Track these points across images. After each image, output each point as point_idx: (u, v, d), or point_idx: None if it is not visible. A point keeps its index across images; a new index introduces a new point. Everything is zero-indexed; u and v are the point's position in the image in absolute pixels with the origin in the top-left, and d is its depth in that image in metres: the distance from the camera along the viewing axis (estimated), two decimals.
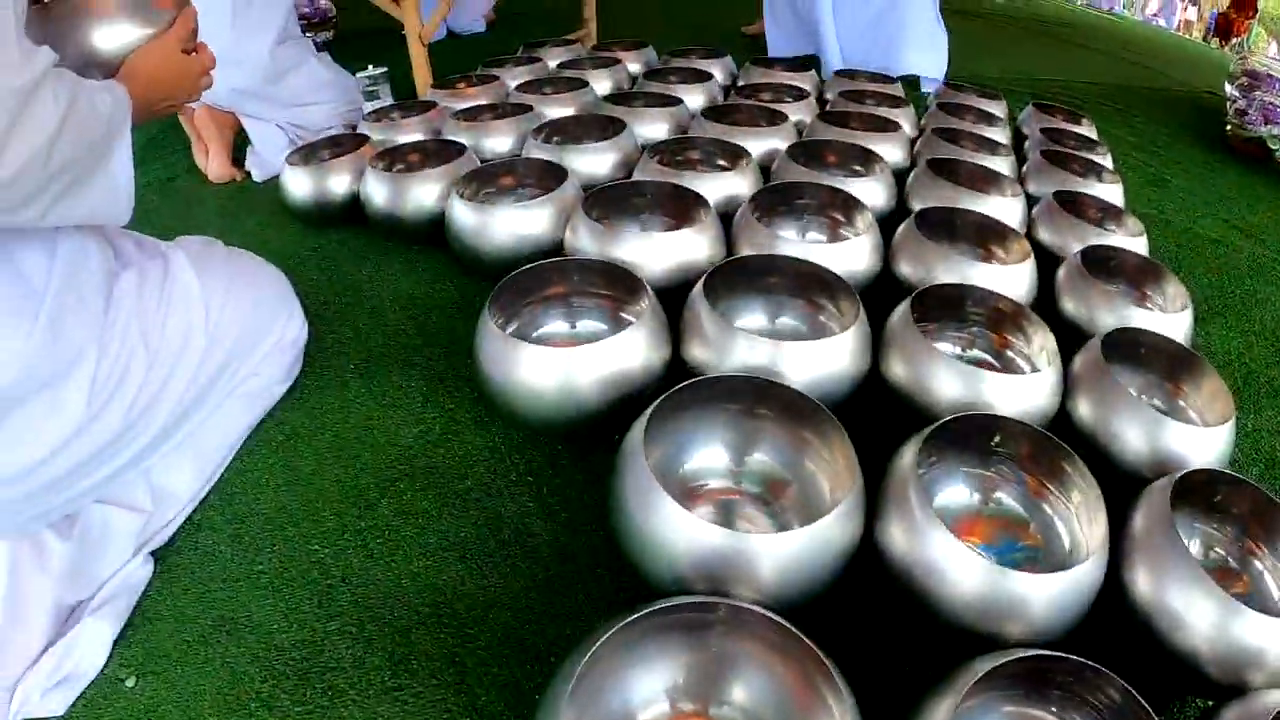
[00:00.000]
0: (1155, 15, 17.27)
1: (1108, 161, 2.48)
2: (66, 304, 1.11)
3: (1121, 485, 1.23)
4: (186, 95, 1.35)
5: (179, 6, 1.31)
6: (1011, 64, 4.72)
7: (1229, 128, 3.42)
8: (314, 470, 1.46)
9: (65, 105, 0.96)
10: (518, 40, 3.56)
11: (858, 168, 2.14)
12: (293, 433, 1.54)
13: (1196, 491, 1.21)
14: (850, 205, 1.82)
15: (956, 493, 1.29)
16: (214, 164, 2.78)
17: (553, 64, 3.12)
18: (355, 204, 2.18)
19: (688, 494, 1.24)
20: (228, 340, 1.38)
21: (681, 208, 1.80)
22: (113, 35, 1.20)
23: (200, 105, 2.89)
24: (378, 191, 2.03)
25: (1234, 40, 14.81)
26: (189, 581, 1.28)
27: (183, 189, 2.69)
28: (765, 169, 2.14)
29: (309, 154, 2.39)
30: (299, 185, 2.22)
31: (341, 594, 1.24)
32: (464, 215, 1.79)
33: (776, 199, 1.85)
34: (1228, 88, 3.53)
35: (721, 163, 2.10)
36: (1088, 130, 2.78)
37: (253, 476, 1.46)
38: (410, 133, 2.43)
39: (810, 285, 1.54)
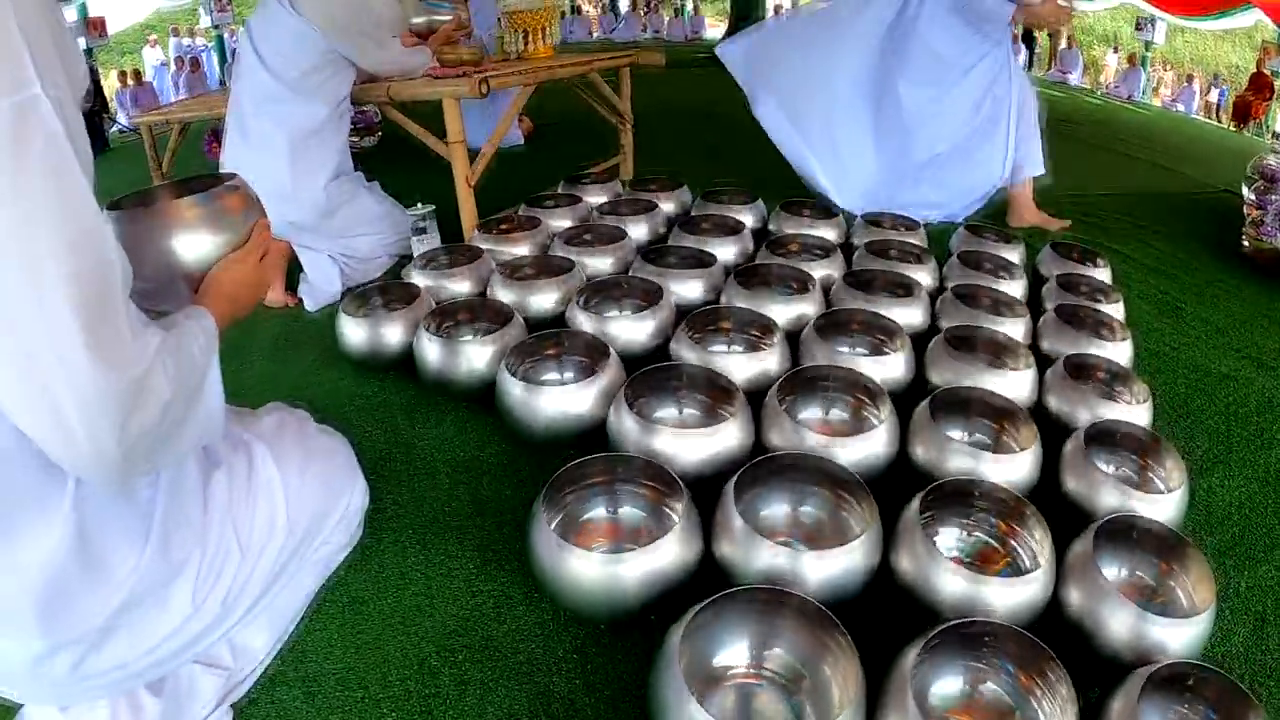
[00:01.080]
0: (1174, 100, 17.58)
1: (1119, 311, 2.77)
2: (171, 519, 1.35)
3: (1106, 669, 1.49)
4: (262, 296, 1.60)
5: (252, 212, 1.52)
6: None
7: (1245, 241, 3.66)
8: (379, 634, 1.72)
9: (174, 373, 1.13)
10: (555, 157, 3.89)
11: (881, 338, 2.43)
12: (357, 597, 1.80)
13: (1170, 680, 1.44)
14: (871, 391, 2.10)
15: (950, 683, 1.54)
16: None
17: (592, 201, 3.44)
18: (407, 354, 2.48)
19: (716, 681, 1.51)
20: (304, 520, 1.65)
21: (715, 391, 2.09)
22: (193, 245, 1.39)
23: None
24: (430, 352, 2.34)
25: (1252, 122, 15.07)
26: None
27: None
28: (795, 335, 2.43)
29: (363, 302, 2.70)
30: (354, 333, 2.54)
31: None
32: (514, 391, 2.09)
33: (802, 382, 2.13)
34: (1245, 189, 3.77)
35: (753, 333, 2.40)
36: (1103, 272, 3.07)
37: (322, 636, 1.72)
38: (459, 282, 2.76)
39: (831, 481, 1.81)
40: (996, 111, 3.77)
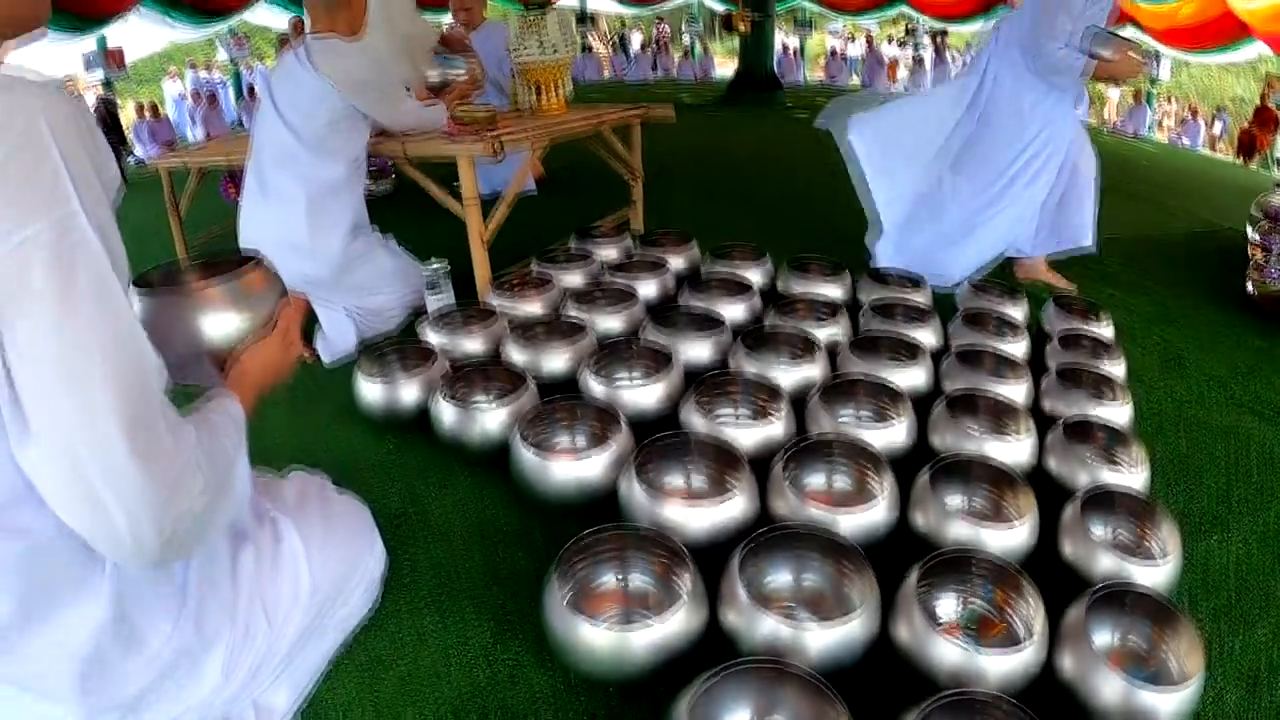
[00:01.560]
0: (1179, 134, 17.70)
1: (1120, 370, 2.86)
2: (204, 595, 1.44)
3: None
4: (288, 373, 1.68)
5: (276, 293, 1.61)
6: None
7: (1249, 284, 3.72)
8: (396, 697, 1.79)
9: (208, 469, 1.21)
10: (566, 204, 4.00)
11: (884, 403, 2.52)
12: (375, 658, 1.88)
13: None
14: (874, 459, 2.18)
15: None
16: None
17: (604, 256, 3.56)
18: (422, 414, 2.58)
19: None
20: (326, 587, 1.74)
21: (722, 460, 2.18)
22: (220, 326, 1.48)
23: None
24: (445, 416, 2.43)
25: (1257, 155, 15.16)
26: None
27: None
28: (802, 399, 2.52)
29: (380, 362, 2.81)
30: (370, 393, 2.64)
31: None
32: (527, 459, 2.18)
33: (806, 451, 2.22)
34: (1249, 229, 3.83)
35: (760, 399, 2.49)
36: (1105, 328, 3.17)
37: (341, 696, 1.79)
38: (473, 342, 2.88)
39: (833, 552, 1.89)
40: (1052, 175, 3.78)
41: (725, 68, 22.74)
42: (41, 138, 1.01)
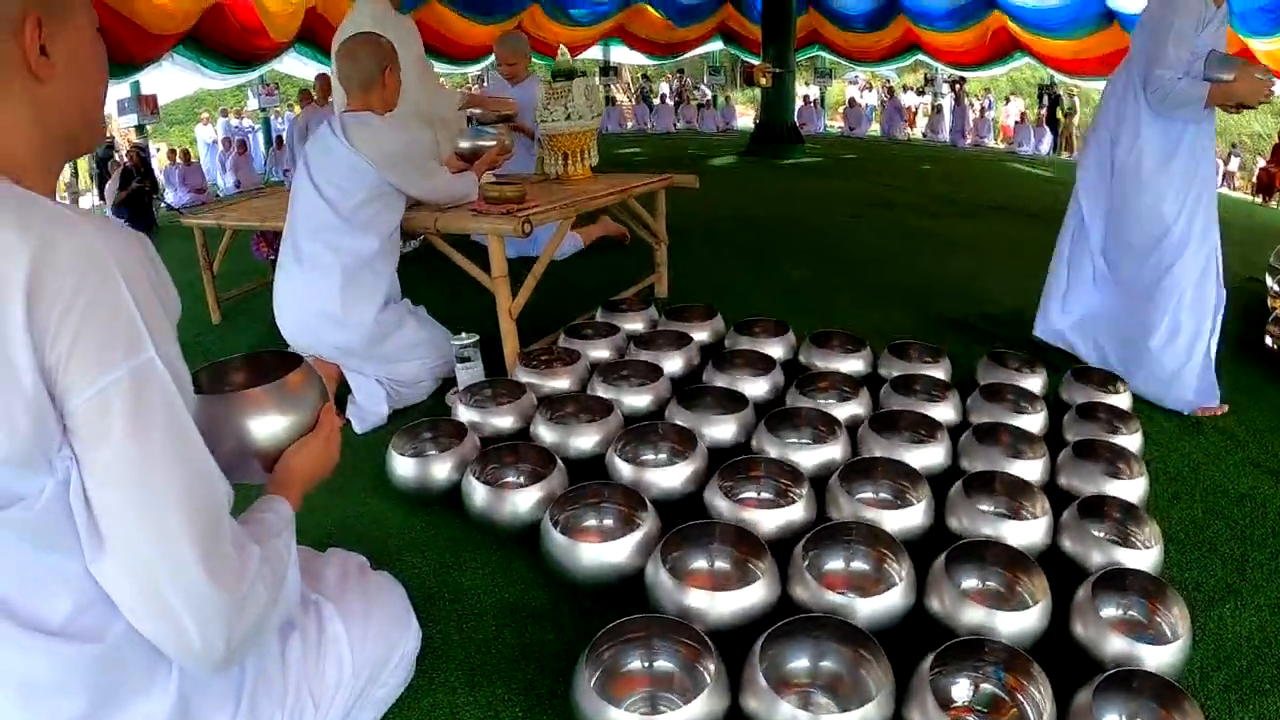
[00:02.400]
0: None
1: (1137, 442, 2.91)
2: (257, 685, 1.52)
3: None
4: (330, 471, 1.76)
5: (320, 396, 1.70)
6: None
7: (1269, 338, 3.71)
8: None
9: (269, 579, 1.30)
10: (591, 265, 4.10)
11: (903, 485, 2.60)
12: None
13: None
14: (892, 547, 2.25)
15: None
16: None
17: (629, 328, 3.68)
18: (454, 489, 2.67)
19: None
20: (367, 669, 1.82)
21: (745, 547, 2.27)
22: (267, 426, 1.57)
23: (309, 358, 3.45)
24: (476, 495, 2.53)
25: (1277, 194, 15.19)
26: None
27: None
28: (823, 479, 2.60)
29: (413, 439, 2.91)
30: (403, 469, 2.74)
31: None
32: (556, 542, 2.27)
33: (826, 536, 2.30)
34: (1269, 280, 3.81)
35: (782, 482, 2.59)
36: (1123, 398, 3.23)
37: None
38: (503, 418, 2.98)
39: (850, 639, 1.96)
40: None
41: (746, 117, 23.01)
42: (118, 288, 1.11)
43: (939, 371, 3.37)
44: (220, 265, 5.05)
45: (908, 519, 2.41)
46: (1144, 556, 2.30)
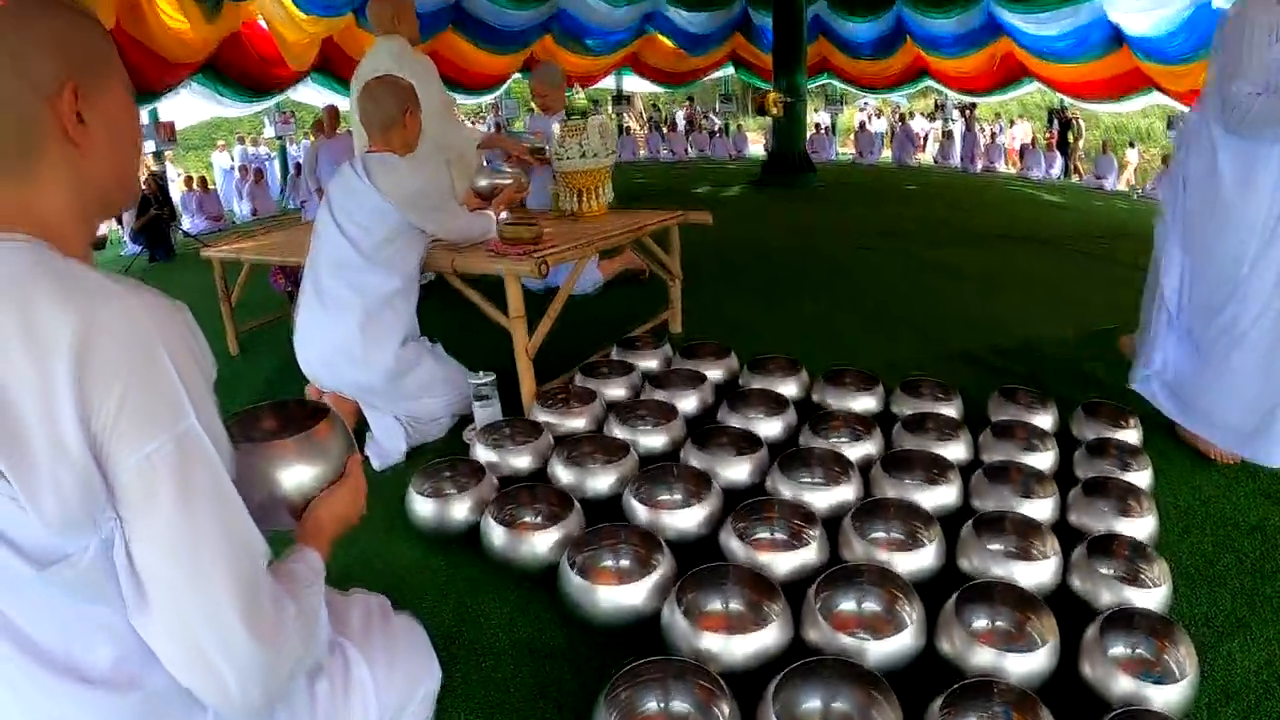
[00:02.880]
0: None
1: (1147, 478, 2.94)
2: None
3: None
4: (356, 521, 1.79)
5: (346, 446, 1.74)
6: (1072, 314, 5.37)
7: None
8: None
9: (303, 631, 1.33)
10: (606, 301, 4.15)
11: (915, 526, 2.64)
12: None
13: None
14: (903, 589, 2.30)
15: None
16: None
17: (644, 366, 3.75)
18: (473, 529, 2.72)
19: None
20: (390, 711, 1.86)
21: (759, 590, 2.31)
22: (296, 476, 1.61)
23: (329, 394, 3.51)
24: (495, 536, 2.59)
25: None
26: None
27: None
28: (836, 520, 2.64)
29: (432, 479, 2.96)
30: (423, 509, 2.80)
31: None
32: (574, 584, 2.32)
33: (839, 579, 2.34)
34: None
35: (795, 523, 2.63)
36: (1134, 434, 3.27)
37: None
38: (520, 457, 3.04)
39: (861, 682, 2.00)
40: None
41: (758, 144, 23.10)
42: (160, 358, 1.15)
43: (950, 409, 3.41)
44: (238, 297, 5.12)
45: (919, 560, 2.45)
46: (1152, 595, 2.33)
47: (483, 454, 3.08)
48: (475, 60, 17.43)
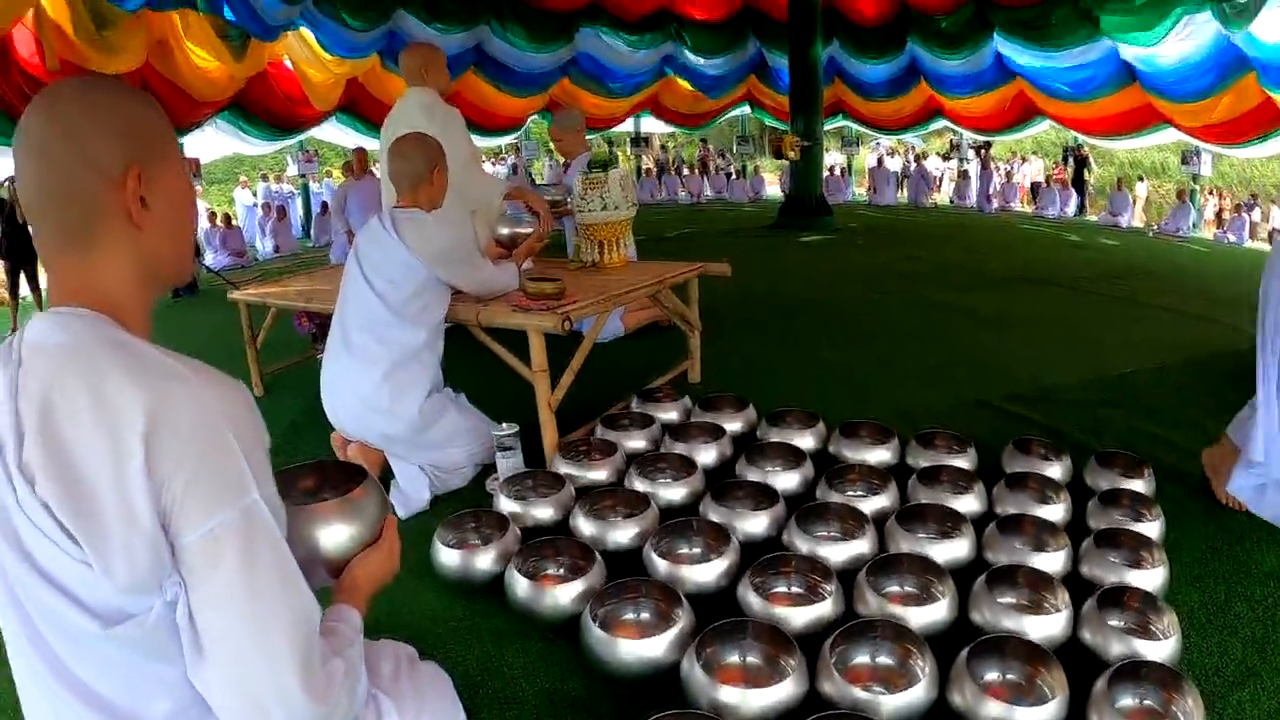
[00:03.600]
0: (1225, 231, 17.75)
1: (1158, 529, 2.99)
2: None
3: None
4: (390, 580, 1.86)
5: (383, 509, 1.81)
6: (1087, 358, 5.40)
7: None
8: None
9: (350, 688, 1.39)
10: (626, 349, 4.23)
11: (929, 580, 2.70)
12: None
13: None
14: (916, 643, 2.36)
15: None
16: None
17: (664, 417, 3.85)
18: (497, 579, 2.80)
19: None
20: None
21: (776, 644, 2.37)
22: (333, 535, 1.69)
23: (354, 443, 3.59)
24: (519, 587, 2.66)
25: None
26: None
27: None
28: (851, 573, 2.70)
29: (458, 529, 3.05)
30: (448, 559, 2.88)
31: None
32: (596, 637, 2.39)
33: (854, 633, 2.40)
34: None
35: (812, 577, 2.70)
36: (1147, 485, 3.31)
37: None
38: (543, 509, 3.13)
39: None
40: None
41: (775, 185, 23.22)
42: (225, 436, 1.24)
43: (965, 461, 3.47)
44: (263, 339, 5.24)
45: (931, 614, 2.50)
46: (1161, 647, 2.37)
47: (506, 505, 3.16)
48: (496, 102, 17.68)
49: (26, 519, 1.18)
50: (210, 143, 15.29)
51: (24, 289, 10.97)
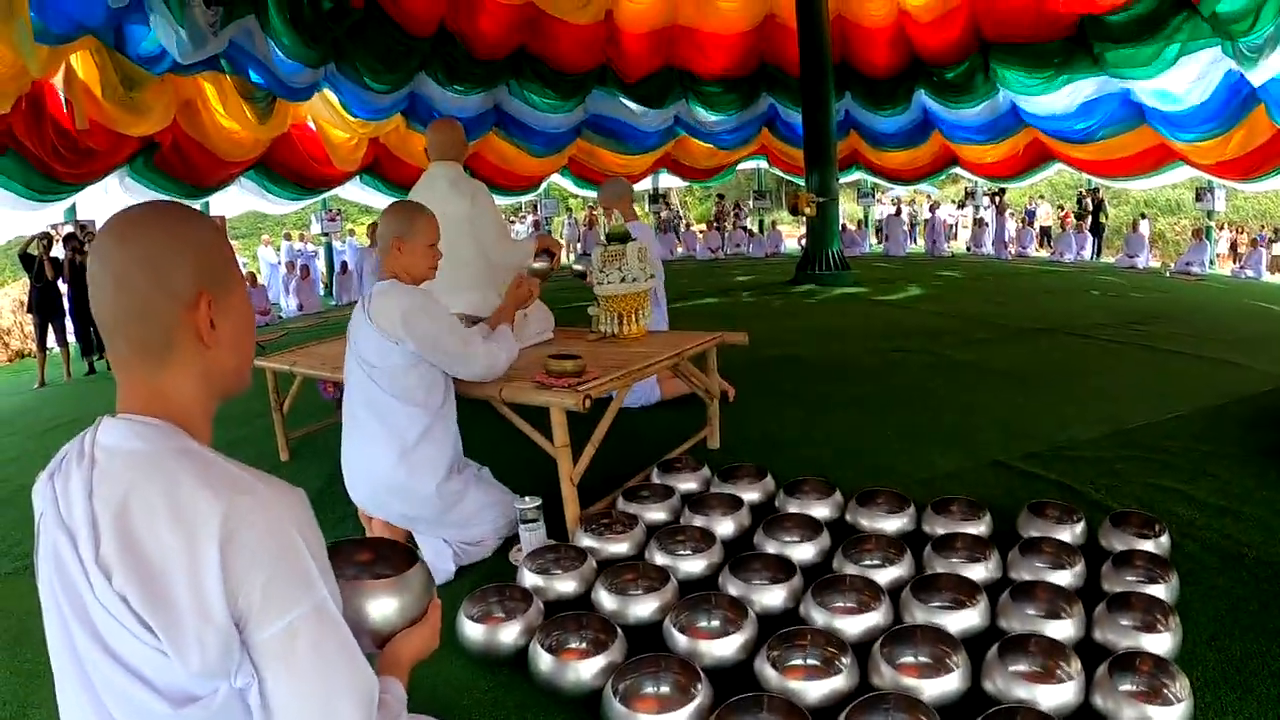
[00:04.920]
0: (1242, 267, 17.69)
1: (1172, 592, 3.04)
2: None
3: None
4: (429, 656, 1.91)
5: (430, 590, 1.85)
6: (1105, 411, 5.44)
7: None
8: None
9: None
10: (646, 417, 4.32)
11: (942, 650, 2.76)
12: None
13: None
14: (929, 715, 2.41)
15: None
16: None
17: (683, 488, 3.97)
18: (520, 653, 2.87)
19: None
20: None
21: (792, 717, 2.43)
22: (382, 609, 1.75)
23: (377, 520, 3.66)
24: (542, 662, 2.75)
25: None
26: None
27: None
28: (867, 645, 2.77)
29: (482, 603, 3.14)
30: (472, 633, 2.96)
31: None
32: (618, 712, 2.46)
33: (867, 707, 2.46)
34: None
35: (828, 650, 2.77)
36: (1161, 544, 3.35)
37: None
38: (566, 582, 3.22)
39: None
40: None
41: (793, 238, 23.32)
42: (294, 540, 1.33)
43: (980, 528, 3.54)
44: (289, 405, 5.38)
45: (944, 685, 2.57)
46: (1173, 712, 2.42)
47: (529, 579, 3.24)
48: (517, 162, 17.97)
49: (103, 609, 1.27)
50: (231, 198, 15.59)
51: (51, 342, 11.23)
